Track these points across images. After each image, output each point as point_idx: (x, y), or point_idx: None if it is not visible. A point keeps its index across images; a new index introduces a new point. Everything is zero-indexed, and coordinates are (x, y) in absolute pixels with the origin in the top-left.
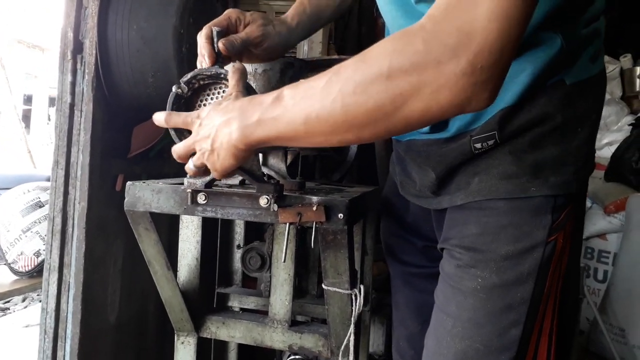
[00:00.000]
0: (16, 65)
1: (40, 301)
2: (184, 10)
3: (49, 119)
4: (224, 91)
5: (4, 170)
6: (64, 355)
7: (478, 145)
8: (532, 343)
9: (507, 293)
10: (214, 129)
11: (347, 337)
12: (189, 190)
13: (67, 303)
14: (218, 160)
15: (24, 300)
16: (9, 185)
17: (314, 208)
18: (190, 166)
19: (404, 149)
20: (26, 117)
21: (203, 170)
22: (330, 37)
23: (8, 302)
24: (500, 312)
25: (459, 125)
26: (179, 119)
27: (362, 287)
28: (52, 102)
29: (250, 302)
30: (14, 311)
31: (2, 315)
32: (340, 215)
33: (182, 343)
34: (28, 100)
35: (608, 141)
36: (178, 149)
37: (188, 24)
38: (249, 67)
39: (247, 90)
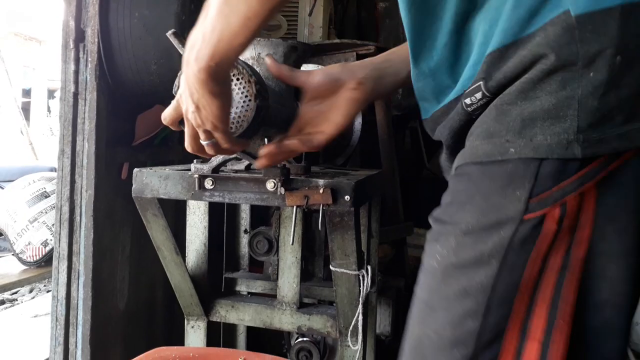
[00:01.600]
0: (14, 57)
1: (47, 291)
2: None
3: (49, 111)
4: (236, 78)
5: (7, 163)
6: (76, 342)
7: (467, 101)
8: (508, 347)
9: (463, 275)
10: (184, 83)
11: (355, 317)
12: (196, 175)
13: (77, 290)
14: (205, 110)
15: (31, 291)
16: (12, 177)
17: (321, 191)
18: (200, 143)
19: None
20: (25, 110)
21: (207, 136)
22: (331, 21)
23: (15, 293)
24: (454, 297)
25: (462, 84)
26: (170, 109)
27: (369, 267)
28: (50, 94)
29: (258, 286)
30: (22, 302)
31: (10, 306)
32: (347, 198)
33: (192, 327)
34: (27, 93)
35: None
36: (165, 113)
37: (190, 11)
38: (251, 51)
39: (254, 74)
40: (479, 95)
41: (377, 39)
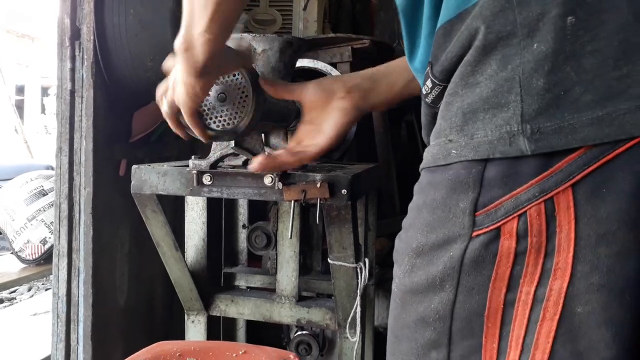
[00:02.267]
0: (6, 55)
1: (46, 290)
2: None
3: (43, 110)
4: (234, 76)
5: (2, 162)
6: (77, 338)
7: (423, 91)
8: None
9: (419, 301)
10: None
11: (353, 309)
12: (194, 171)
13: (78, 287)
14: (178, 81)
15: (29, 290)
16: (8, 176)
17: (318, 185)
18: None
19: None
20: (19, 108)
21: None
22: (325, 15)
23: (14, 291)
24: (415, 325)
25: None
26: (160, 89)
27: (366, 260)
28: (44, 91)
29: (257, 281)
30: (21, 300)
31: (9, 305)
32: (344, 191)
33: (193, 322)
34: (20, 90)
35: None
36: (157, 91)
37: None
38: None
39: (250, 72)
40: (429, 83)
41: (372, 33)
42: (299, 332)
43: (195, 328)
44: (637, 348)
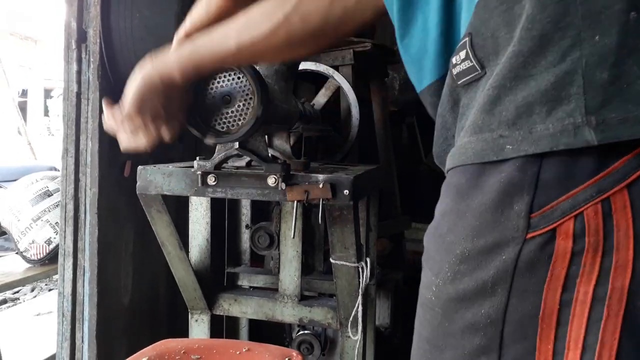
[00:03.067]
0: (10, 57)
1: (49, 290)
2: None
3: (47, 112)
4: (231, 76)
5: (6, 163)
6: (82, 337)
7: (453, 60)
8: None
9: (467, 309)
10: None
11: (355, 308)
12: (199, 172)
13: (83, 287)
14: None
15: (32, 290)
16: (12, 177)
17: (321, 185)
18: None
19: None
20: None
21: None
22: None
23: (17, 292)
24: (461, 333)
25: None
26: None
27: (368, 260)
28: (47, 94)
29: (259, 280)
30: (24, 301)
31: (13, 305)
32: (346, 192)
33: (196, 321)
34: (23, 92)
35: None
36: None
37: (189, 10)
38: None
39: (255, 73)
40: (462, 54)
41: (373, 35)
42: (301, 332)
43: (199, 327)
44: None
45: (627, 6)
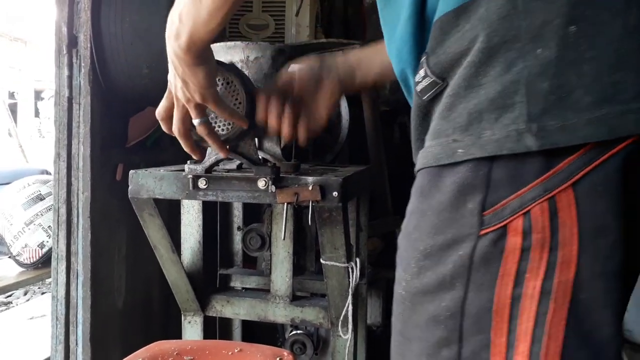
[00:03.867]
0: None
1: (42, 293)
2: (174, 1)
3: (37, 113)
4: (220, 82)
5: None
6: (77, 340)
7: (416, 79)
8: None
9: (430, 301)
10: (170, 63)
11: (345, 308)
12: (190, 176)
13: (77, 290)
14: (191, 82)
15: (25, 294)
16: (4, 180)
17: (310, 188)
18: (188, 128)
19: None
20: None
21: (198, 112)
22: (317, 19)
23: (10, 295)
24: (426, 325)
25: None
26: (163, 101)
27: (358, 260)
28: (37, 95)
29: (252, 282)
30: (17, 305)
31: (6, 309)
32: (335, 194)
33: (189, 322)
34: (12, 94)
35: None
36: (159, 108)
37: None
38: (240, 55)
39: (241, 77)
40: (422, 72)
41: (364, 35)
42: (294, 332)
43: (192, 328)
44: (621, 316)
45: (566, 21)
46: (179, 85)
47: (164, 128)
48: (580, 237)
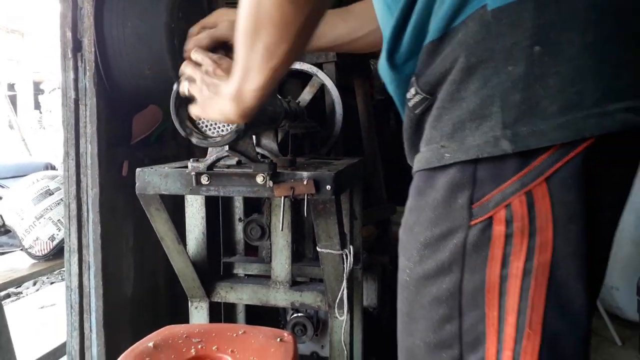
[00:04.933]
0: None
1: (51, 283)
2: (173, 6)
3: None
4: None
5: (2, 160)
6: (90, 327)
7: (407, 95)
8: (489, 354)
9: (432, 284)
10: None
11: (340, 291)
12: (193, 173)
13: (89, 280)
14: (218, 111)
15: (35, 284)
16: (9, 174)
17: (305, 182)
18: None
19: None
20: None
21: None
22: None
23: (20, 286)
24: (430, 305)
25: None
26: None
27: (351, 247)
28: (36, 86)
29: (254, 269)
30: (27, 295)
31: (17, 299)
32: (328, 187)
33: (196, 308)
34: (11, 86)
35: None
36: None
37: (178, 19)
38: None
39: None
40: (413, 91)
41: None
42: (295, 315)
43: (199, 313)
44: (590, 289)
45: (532, 42)
46: (203, 107)
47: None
48: (554, 223)
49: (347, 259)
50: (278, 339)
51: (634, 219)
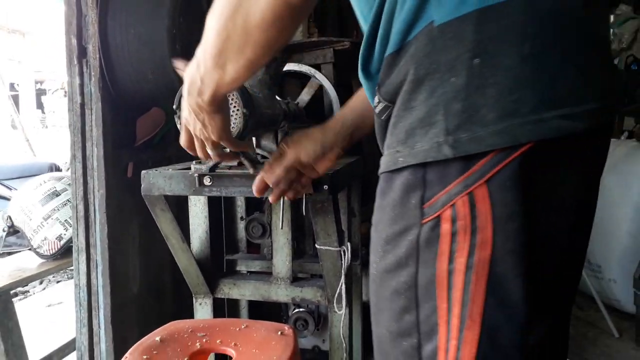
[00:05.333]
0: None
1: (57, 282)
2: (175, 12)
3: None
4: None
5: (7, 161)
6: (99, 323)
7: (376, 111)
8: (440, 343)
9: (392, 278)
10: (187, 108)
11: (339, 286)
12: (196, 174)
13: (97, 278)
14: (210, 126)
15: (41, 283)
16: (14, 175)
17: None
18: (209, 153)
19: None
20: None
21: (214, 145)
22: (311, 16)
23: (27, 285)
24: (391, 297)
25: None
26: (182, 135)
27: (349, 244)
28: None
29: (256, 266)
30: (34, 293)
31: (24, 298)
32: (325, 187)
33: (200, 304)
34: (13, 86)
35: None
36: (181, 141)
37: (179, 24)
38: None
39: (242, 94)
40: (377, 98)
41: (358, 30)
42: (297, 310)
43: (203, 309)
44: (533, 285)
45: (472, 55)
46: (198, 127)
47: (190, 152)
48: (493, 222)
49: (345, 255)
50: (279, 333)
51: (632, 212)
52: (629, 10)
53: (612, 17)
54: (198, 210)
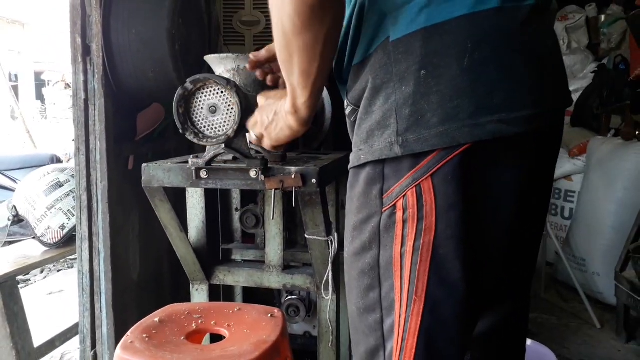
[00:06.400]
0: None
1: (58, 271)
2: (174, 13)
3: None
4: (216, 91)
5: (8, 152)
6: (101, 307)
7: (346, 112)
8: (396, 316)
9: (359, 260)
10: (266, 119)
11: (326, 274)
12: (193, 168)
13: (99, 265)
14: (275, 139)
15: (42, 272)
16: (16, 166)
17: (293, 176)
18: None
19: None
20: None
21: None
22: None
23: (28, 273)
24: (358, 277)
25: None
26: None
27: (336, 234)
28: (37, 77)
29: (250, 254)
30: (35, 282)
31: (25, 286)
32: (314, 181)
33: (197, 290)
34: (13, 76)
35: (574, 88)
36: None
37: (178, 25)
38: (232, 64)
39: (235, 87)
40: (346, 102)
41: None
42: (289, 297)
43: (200, 295)
44: (476, 269)
45: (419, 67)
46: (268, 133)
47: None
48: (436, 211)
49: (332, 244)
50: (269, 315)
51: (615, 208)
52: (619, 11)
53: (602, 18)
54: (195, 202)
